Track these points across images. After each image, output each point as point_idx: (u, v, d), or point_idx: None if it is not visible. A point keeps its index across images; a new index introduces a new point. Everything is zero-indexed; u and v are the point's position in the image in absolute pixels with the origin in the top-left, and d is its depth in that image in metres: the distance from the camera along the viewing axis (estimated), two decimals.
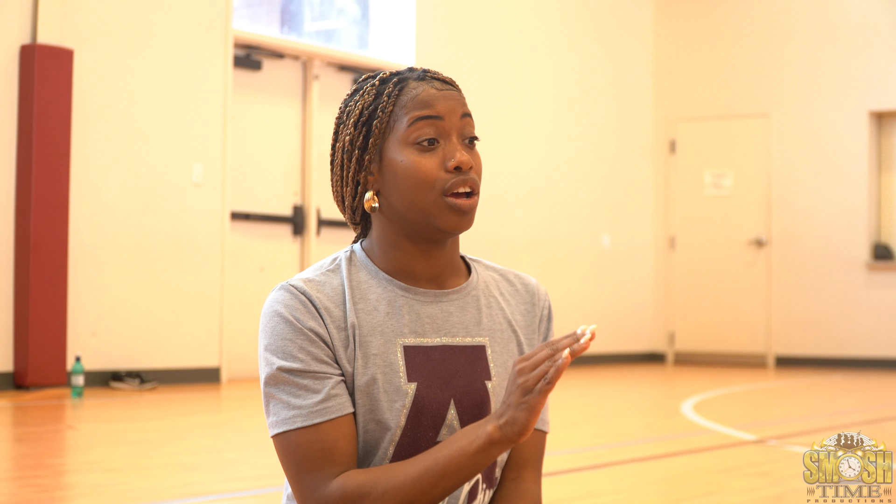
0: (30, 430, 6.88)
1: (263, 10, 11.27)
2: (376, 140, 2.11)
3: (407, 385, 2.06)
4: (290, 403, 2.02)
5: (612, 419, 8.27)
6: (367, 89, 2.14)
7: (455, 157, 2.07)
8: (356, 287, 2.12)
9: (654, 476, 5.56)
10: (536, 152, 13.15)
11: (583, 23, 13.84)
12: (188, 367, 9.74)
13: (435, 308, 2.15)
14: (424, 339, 2.11)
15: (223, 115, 9.98)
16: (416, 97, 2.09)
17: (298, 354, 2.03)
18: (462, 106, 2.12)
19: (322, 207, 10.89)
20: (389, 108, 2.10)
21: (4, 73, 8.72)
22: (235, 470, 5.45)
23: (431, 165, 2.07)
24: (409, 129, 2.08)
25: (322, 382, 2.02)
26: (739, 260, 14.09)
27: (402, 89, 2.11)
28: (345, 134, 2.15)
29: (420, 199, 2.07)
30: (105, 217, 9.24)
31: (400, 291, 2.13)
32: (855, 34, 13.58)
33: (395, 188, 2.09)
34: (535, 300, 2.27)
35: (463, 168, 2.07)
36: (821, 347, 13.63)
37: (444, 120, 2.09)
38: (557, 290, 13.09)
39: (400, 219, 2.11)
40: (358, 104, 2.14)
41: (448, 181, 2.06)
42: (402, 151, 2.08)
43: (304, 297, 2.07)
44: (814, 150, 13.76)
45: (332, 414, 2.01)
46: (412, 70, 2.17)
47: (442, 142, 2.09)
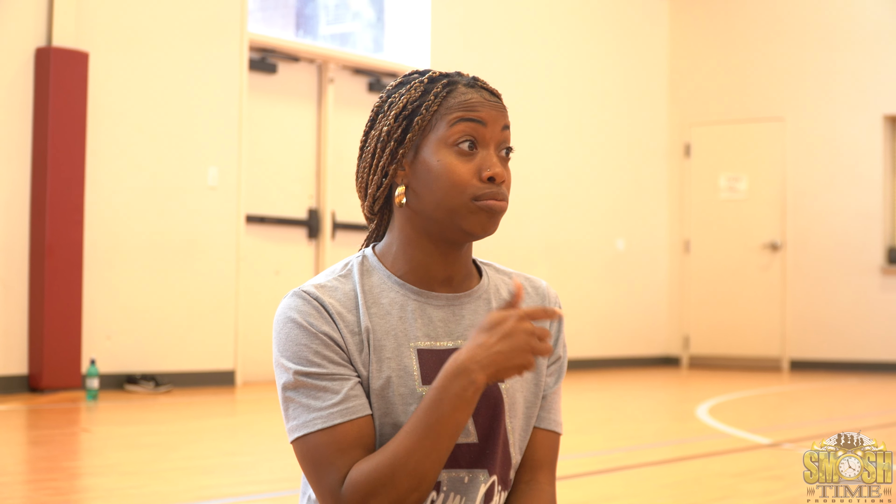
0: (45, 433, 6.89)
1: (278, 13, 11.28)
2: (415, 136, 2.10)
3: (422, 388, 2.07)
4: (309, 406, 2.02)
5: (627, 423, 8.26)
6: (414, 84, 2.13)
7: (491, 168, 2.08)
8: (368, 291, 2.12)
9: (669, 480, 5.56)
10: (552, 156, 13.15)
11: (598, 26, 13.83)
12: (203, 371, 9.75)
13: (447, 311, 2.15)
14: (437, 342, 2.12)
15: (238, 118, 9.99)
16: (464, 101, 2.10)
17: (314, 358, 2.03)
18: (504, 118, 2.13)
19: (337, 210, 10.90)
20: (434, 108, 2.10)
21: (20, 75, 8.75)
22: (251, 473, 5.46)
23: (466, 171, 2.07)
24: (451, 130, 2.08)
25: (340, 384, 2.03)
26: (754, 264, 14.07)
27: (449, 91, 2.12)
28: (383, 123, 2.14)
29: (449, 201, 2.07)
30: (120, 220, 9.25)
31: (412, 295, 2.13)
32: (869, 38, 13.55)
33: (426, 186, 2.09)
34: (545, 303, 2.27)
35: (496, 180, 2.08)
36: (835, 351, 13.60)
37: (487, 127, 2.10)
38: (572, 293, 13.08)
39: (425, 217, 2.11)
40: (403, 97, 2.13)
41: (480, 189, 2.07)
42: (439, 151, 2.08)
43: (316, 303, 2.07)
44: (828, 153, 13.74)
45: (352, 415, 2.01)
46: (461, 75, 2.17)
47: (480, 149, 2.09)
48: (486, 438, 2.10)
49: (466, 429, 2.09)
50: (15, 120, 8.70)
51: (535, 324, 2.22)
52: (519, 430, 2.17)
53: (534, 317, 1.95)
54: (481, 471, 2.10)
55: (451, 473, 2.08)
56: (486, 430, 2.10)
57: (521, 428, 2.17)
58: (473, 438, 2.09)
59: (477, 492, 2.10)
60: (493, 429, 2.11)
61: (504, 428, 2.13)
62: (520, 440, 2.17)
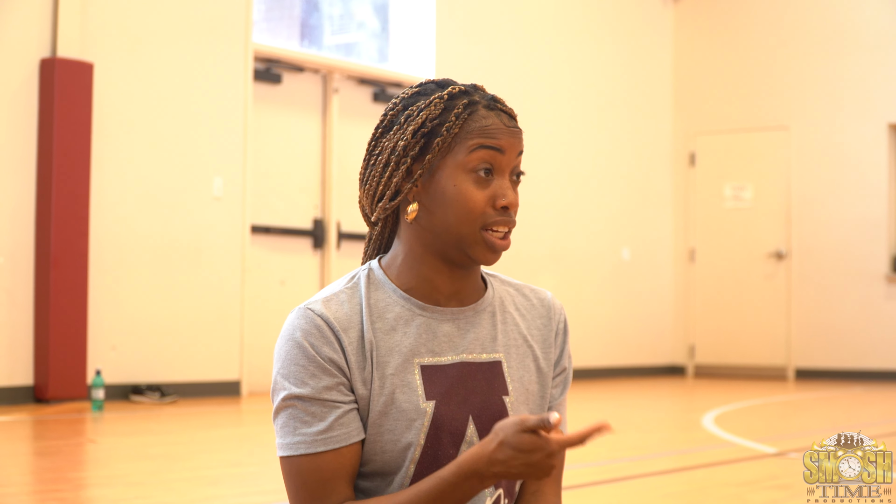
0: (50, 444, 6.90)
1: (283, 23, 11.30)
2: (433, 157, 2.09)
3: (426, 403, 2.07)
4: (296, 429, 2.04)
5: (632, 432, 8.26)
6: (434, 101, 2.11)
7: (507, 197, 2.07)
8: (374, 306, 2.12)
9: (674, 489, 5.55)
10: (556, 165, 13.15)
11: (602, 35, 13.84)
12: (208, 381, 9.75)
13: (451, 326, 2.15)
14: (441, 357, 2.12)
15: (243, 129, 10.00)
16: (487, 127, 2.08)
17: (309, 381, 2.04)
18: (520, 143, 2.12)
19: (342, 221, 10.91)
20: (455, 131, 2.08)
21: (24, 86, 8.76)
22: (257, 483, 5.46)
23: (480, 198, 2.06)
24: (470, 157, 2.07)
25: (330, 411, 2.03)
26: (759, 272, 14.06)
27: (471, 114, 2.09)
28: (399, 137, 2.11)
29: (459, 227, 2.07)
30: (125, 230, 9.26)
31: (417, 310, 2.13)
32: (874, 47, 13.55)
33: (438, 208, 2.08)
34: (550, 314, 2.27)
35: (510, 209, 2.08)
36: (841, 360, 13.59)
37: (505, 155, 2.09)
38: (578, 303, 13.08)
39: (433, 237, 2.10)
40: (422, 113, 2.10)
41: (491, 217, 2.07)
42: (456, 175, 2.07)
43: (320, 321, 2.06)
44: (833, 162, 13.74)
45: (336, 444, 2.03)
46: (477, 90, 2.15)
47: (496, 176, 2.09)
48: None
49: (471, 443, 2.09)
50: (20, 130, 8.71)
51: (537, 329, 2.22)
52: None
53: (567, 445, 1.88)
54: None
55: None
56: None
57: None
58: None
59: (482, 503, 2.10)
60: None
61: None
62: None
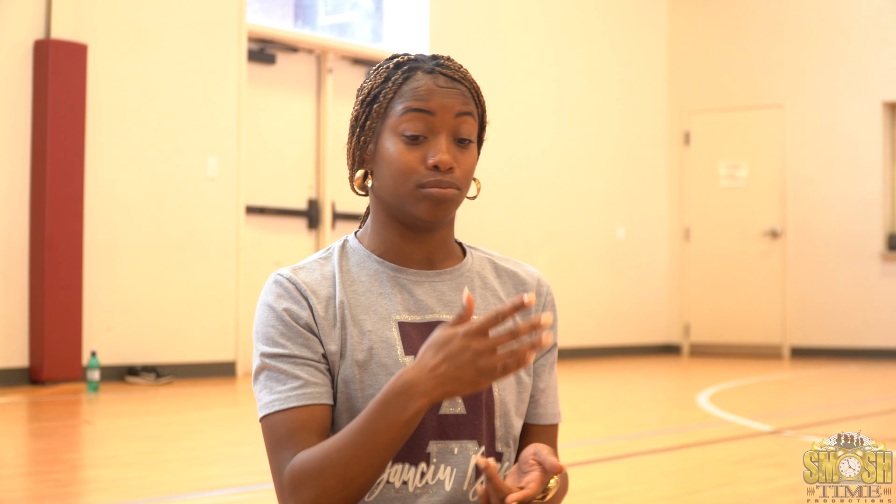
0: (46, 426, 6.90)
1: (277, 3, 11.27)
2: (374, 123, 2.14)
3: (404, 359, 2.08)
4: (271, 388, 2.05)
5: (628, 411, 8.27)
6: (380, 70, 2.16)
7: (436, 157, 2.08)
8: (347, 271, 2.15)
9: (670, 467, 5.57)
10: (551, 145, 13.14)
11: (597, 14, 13.82)
12: (204, 362, 9.76)
13: (427, 287, 2.16)
14: (417, 315, 2.13)
15: (237, 109, 9.99)
16: (416, 89, 2.10)
17: (279, 339, 2.06)
18: (461, 104, 2.12)
19: (337, 201, 10.90)
20: (390, 95, 2.12)
21: (18, 68, 8.74)
22: (252, 463, 5.46)
23: (413, 158, 2.09)
24: (400, 119, 2.10)
25: (301, 368, 2.05)
26: (754, 251, 14.07)
27: (407, 78, 2.12)
28: (354, 109, 2.19)
29: (398, 188, 2.10)
30: (120, 212, 9.25)
31: (391, 272, 2.16)
32: (869, 25, 13.54)
33: (382, 172, 2.13)
34: (539, 289, 2.26)
35: (441, 168, 2.08)
36: (836, 338, 13.61)
37: (436, 116, 2.10)
38: (572, 282, 13.09)
39: (385, 202, 2.14)
40: (368, 83, 2.17)
41: (425, 177, 2.08)
42: (391, 139, 2.11)
43: (289, 284, 2.10)
44: (828, 140, 13.74)
45: (307, 401, 2.03)
46: (428, 59, 2.17)
47: (430, 137, 2.10)
48: (474, 409, 2.10)
49: (454, 399, 2.09)
50: (14, 112, 8.69)
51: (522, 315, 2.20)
52: (512, 401, 2.16)
53: (485, 328, 1.85)
54: (471, 441, 2.10)
55: (440, 445, 2.07)
56: (474, 400, 2.10)
57: (514, 400, 2.17)
58: (461, 409, 2.10)
59: (468, 463, 2.09)
60: (481, 399, 2.11)
61: (493, 398, 2.13)
62: (513, 409, 2.16)
